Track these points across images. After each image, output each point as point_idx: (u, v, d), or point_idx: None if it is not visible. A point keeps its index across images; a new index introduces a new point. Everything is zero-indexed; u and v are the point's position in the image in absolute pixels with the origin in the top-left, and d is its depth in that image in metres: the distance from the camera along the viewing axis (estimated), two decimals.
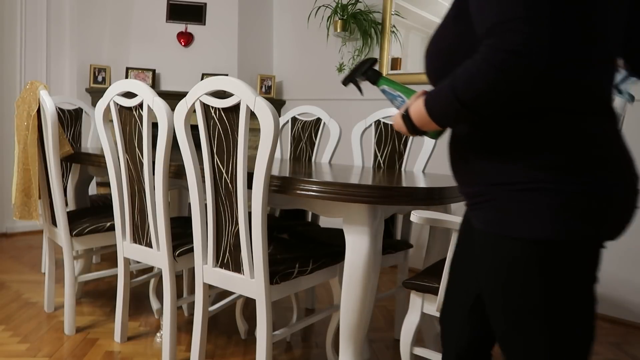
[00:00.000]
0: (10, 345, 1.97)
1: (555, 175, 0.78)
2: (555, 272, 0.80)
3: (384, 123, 2.42)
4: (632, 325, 2.58)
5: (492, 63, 0.70)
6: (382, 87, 1.09)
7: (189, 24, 3.86)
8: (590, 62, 0.79)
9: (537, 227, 0.78)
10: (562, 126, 0.79)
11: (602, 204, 0.79)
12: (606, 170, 0.80)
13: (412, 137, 0.98)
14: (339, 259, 1.77)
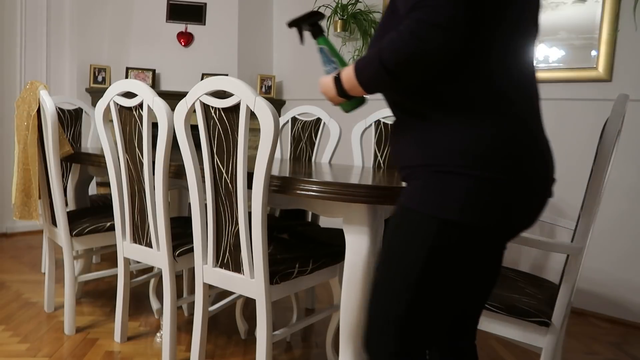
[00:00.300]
0: (10, 345, 1.97)
1: (470, 161, 0.85)
2: (448, 247, 0.89)
3: (384, 123, 2.42)
4: (632, 325, 2.58)
5: (413, 33, 0.78)
6: (322, 47, 1.12)
7: (189, 24, 3.86)
8: (504, 49, 0.86)
9: (447, 207, 0.87)
10: (479, 117, 0.86)
11: (509, 193, 0.86)
12: (517, 161, 0.86)
13: (334, 105, 1.04)
14: (339, 259, 1.77)
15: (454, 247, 0.89)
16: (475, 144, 0.86)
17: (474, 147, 0.86)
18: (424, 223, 0.90)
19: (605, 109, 2.64)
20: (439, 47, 0.78)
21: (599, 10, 2.63)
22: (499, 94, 0.87)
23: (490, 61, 0.86)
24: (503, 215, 0.88)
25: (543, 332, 1.29)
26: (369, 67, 0.87)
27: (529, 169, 0.88)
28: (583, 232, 1.27)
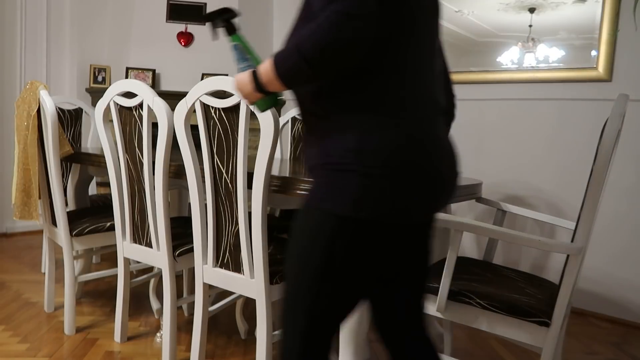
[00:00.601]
0: (10, 345, 1.97)
1: (363, 159, 0.89)
2: (343, 241, 0.93)
3: None
4: (632, 325, 2.58)
5: (332, 23, 0.81)
6: (236, 44, 1.11)
7: (189, 24, 3.86)
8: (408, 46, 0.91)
9: (342, 204, 0.91)
10: (375, 118, 0.91)
11: (402, 189, 0.90)
12: (409, 159, 0.91)
13: (249, 104, 1.05)
14: None
15: (354, 242, 0.93)
16: (370, 142, 0.90)
17: (368, 145, 0.89)
18: (323, 220, 0.93)
19: (605, 109, 2.64)
20: (356, 37, 0.81)
21: (599, 10, 2.63)
22: (396, 98, 0.91)
23: (390, 67, 0.91)
24: (397, 210, 0.91)
25: (543, 332, 1.29)
26: (287, 59, 0.87)
27: (422, 167, 0.92)
28: (583, 232, 1.27)
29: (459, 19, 3.13)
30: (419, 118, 0.94)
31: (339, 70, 0.87)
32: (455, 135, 3.19)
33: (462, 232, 1.34)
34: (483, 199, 1.95)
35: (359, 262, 0.96)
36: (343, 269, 0.95)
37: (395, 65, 0.91)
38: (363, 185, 0.89)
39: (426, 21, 0.97)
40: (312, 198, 0.96)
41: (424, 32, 0.96)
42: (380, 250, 0.97)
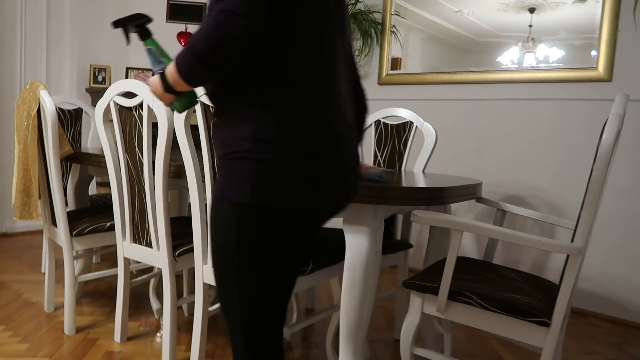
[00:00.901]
0: (10, 345, 1.97)
1: (260, 146, 0.93)
2: (249, 230, 0.95)
3: (384, 123, 2.42)
4: (632, 325, 2.58)
5: (217, 21, 0.85)
6: (150, 47, 1.14)
7: (189, 24, 3.86)
8: (300, 41, 0.94)
9: (241, 191, 0.94)
10: (272, 107, 0.94)
11: (300, 174, 0.93)
12: (306, 146, 0.94)
13: (166, 105, 1.08)
14: (339, 259, 1.77)
15: (262, 230, 0.96)
16: (267, 131, 0.93)
17: (265, 134, 0.93)
18: (229, 211, 0.96)
19: (605, 109, 2.64)
20: (242, 33, 0.85)
21: (599, 10, 2.63)
22: (295, 90, 0.95)
23: (288, 60, 0.94)
24: (297, 197, 0.94)
25: (543, 332, 1.29)
26: (185, 59, 0.91)
27: (318, 154, 0.95)
28: (583, 232, 1.27)
29: (459, 19, 3.13)
30: (322, 106, 0.97)
31: (233, 64, 0.90)
32: (456, 135, 3.19)
33: (462, 232, 1.34)
34: (483, 199, 1.95)
35: (273, 250, 0.98)
36: (259, 257, 0.98)
37: (295, 58, 0.95)
38: (261, 172, 0.93)
39: (327, 17, 1.00)
40: (217, 190, 0.99)
41: (323, 25, 0.99)
42: (290, 237, 0.99)
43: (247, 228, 0.96)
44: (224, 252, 1.00)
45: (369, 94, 3.77)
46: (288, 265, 1.03)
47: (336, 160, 0.99)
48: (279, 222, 0.97)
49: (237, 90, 0.96)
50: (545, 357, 1.28)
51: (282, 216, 0.96)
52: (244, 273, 0.99)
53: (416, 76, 3.36)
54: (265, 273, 1.00)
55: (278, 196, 0.94)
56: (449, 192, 1.53)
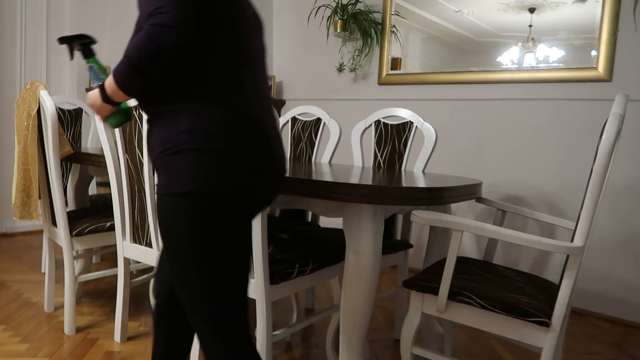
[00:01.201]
0: (10, 345, 1.97)
1: (197, 137, 0.99)
2: (197, 218, 1.00)
3: (384, 123, 2.42)
4: (632, 325, 2.59)
5: (149, 34, 0.94)
6: (91, 65, 1.29)
7: None
8: (227, 46, 1.04)
9: (183, 182, 0.99)
10: (206, 103, 1.01)
11: (235, 161, 1.01)
12: (239, 134, 1.02)
13: (102, 120, 1.20)
14: (339, 259, 1.77)
15: (206, 217, 1.00)
16: (203, 123, 1.00)
17: (202, 125, 1.00)
18: (173, 203, 1.01)
19: (605, 109, 2.64)
20: (172, 43, 0.94)
21: (599, 10, 2.63)
22: (224, 84, 1.03)
23: (216, 60, 1.03)
24: (238, 183, 1.01)
25: (543, 332, 1.29)
26: (122, 70, 1.00)
27: (253, 142, 1.03)
28: (583, 232, 1.27)
29: (459, 19, 3.13)
30: (251, 99, 1.06)
31: (165, 72, 0.99)
32: (456, 135, 3.19)
33: (462, 232, 1.34)
34: (483, 199, 1.95)
35: (223, 235, 1.03)
36: (211, 244, 1.02)
37: (224, 61, 1.04)
38: (201, 160, 0.99)
39: (248, 25, 1.11)
40: (160, 187, 1.03)
41: (246, 32, 1.09)
42: (237, 220, 1.04)
43: (195, 216, 1.00)
44: (177, 247, 1.04)
45: (369, 94, 3.78)
46: (240, 249, 1.08)
47: (269, 149, 1.07)
48: (224, 207, 1.02)
49: (172, 92, 1.03)
50: (545, 357, 1.28)
51: (226, 201, 1.02)
52: (200, 262, 1.03)
53: (416, 76, 3.36)
54: (220, 259, 1.04)
55: (222, 181, 1.00)
56: (449, 192, 1.53)
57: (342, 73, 3.75)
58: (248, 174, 1.04)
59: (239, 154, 1.02)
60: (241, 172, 1.02)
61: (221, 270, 1.05)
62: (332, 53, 3.82)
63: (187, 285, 1.06)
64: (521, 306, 1.31)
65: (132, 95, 1.08)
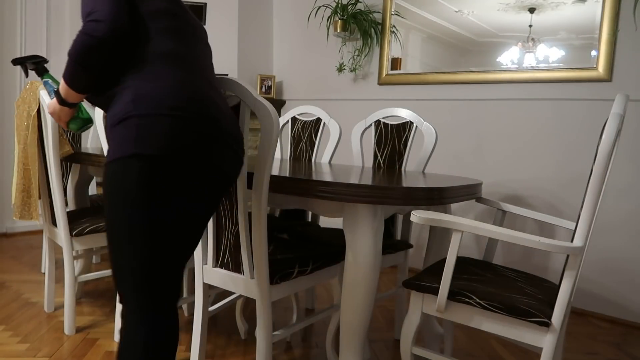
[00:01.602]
0: (10, 345, 1.97)
1: (139, 105, 1.06)
2: (137, 181, 1.04)
3: (384, 123, 2.42)
4: (632, 325, 2.59)
5: (85, 30, 1.07)
6: (46, 80, 1.46)
7: None
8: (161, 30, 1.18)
9: (124, 146, 1.05)
10: (145, 78, 1.11)
11: (178, 126, 1.06)
12: (181, 102, 1.09)
13: (64, 127, 1.33)
14: (339, 259, 1.77)
15: (148, 180, 1.04)
16: (143, 92, 1.08)
17: (143, 94, 1.08)
18: (114, 167, 1.06)
19: (605, 109, 2.64)
20: (105, 35, 1.06)
21: (599, 10, 2.63)
22: (163, 61, 1.14)
23: (150, 42, 1.15)
24: (180, 145, 1.06)
25: (543, 332, 1.29)
26: (67, 68, 1.13)
27: (194, 109, 1.09)
28: (583, 232, 1.27)
29: (459, 19, 3.13)
30: (194, 78, 1.16)
31: (104, 62, 1.10)
32: (455, 135, 3.19)
33: (462, 232, 1.34)
34: (483, 199, 1.95)
35: (163, 201, 1.06)
36: (150, 209, 1.05)
37: (160, 42, 1.16)
38: (142, 125, 1.05)
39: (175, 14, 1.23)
40: (107, 155, 1.09)
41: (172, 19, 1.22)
42: (180, 187, 1.07)
43: (135, 179, 1.03)
44: (114, 211, 1.06)
45: (369, 94, 3.77)
46: (182, 221, 1.09)
47: (213, 116, 1.13)
48: (166, 170, 1.05)
49: (117, 79, 1.14)
50: (545, 357, 1.28)
51: (169, 163, 1.05)
52: (135, 229, 1.05)
53: (416, 76, 3.36)
54: (158, 229, 1.06)
55: (165, 144, 1.04)
56: (449, 192, 1.53)
57: (342, 73, 3.75)
58: (193, 137, 1.08)
59: (183, 118, 1.07)
60: (185, 135, 1.07)
61: (161, 236, 1.07)
62: (332, 53, 3.82)
63: (122, 251, 1.07)
64: (521, 306, 1.31)
65: (82, 91, 1.18)
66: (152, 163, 1.04)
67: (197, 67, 1.21)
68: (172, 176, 1.06)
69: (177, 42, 1.20)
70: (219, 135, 1.14)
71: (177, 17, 1.24)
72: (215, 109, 1.15)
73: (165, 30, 1.19)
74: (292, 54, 4.13)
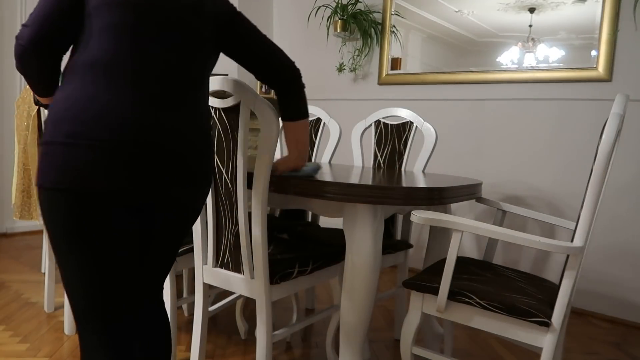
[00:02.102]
0: (10, 345, 1.97)
1: (46, 131, 1.02)
2: (46, 212, 1.02)
3: (384, 123, 2.42)
4: (632, 325, 2.58)
5: (17, 35, 1.06)
6: None
7: None
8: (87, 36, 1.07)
9: (38, 175, 1.02)
10: (59, 89, 1.07)
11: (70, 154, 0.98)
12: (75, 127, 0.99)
13: None
14: (339, 259, 1.77)
15: (50, 212, 1.02)
16: (51, 114, 1.03)
17: (49, 116, 1.04)
18: (39, 195, 1.05)
19: (605, 109, 2.64)
20: (27, 40, 1.04)
21: (599, 10, 2.63)
22: (78, 73, 1.05)
23: (80, 46, 1.07)
24: (76, 177, 0.98)
25: (543, 332, 1.29)
26: (20, 71, 1.12)
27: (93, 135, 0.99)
28: (583, 232, 1.27)
29: (459, 19, 3.13)
30: (102, 98, 1.02)
31: (36, 66, 1.08)
32: (455, 135, 3.19)
33: (462, 232, 1.34)
34: (483, 199, 1.95)
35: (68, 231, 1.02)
36: (62, 239, 1.03)
37: (87, 50, 1.06)
38: (43, 154, 1.02)
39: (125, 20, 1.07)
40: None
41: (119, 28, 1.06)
42: (80, 217, 1.01)
43: (45, 210, 1.03)
44: (50, 236, 1.06)
45: (369, 94, 3.77)
46: (95, 247, 1.04)
47: (135, 141, 1.01)
48: (62, 202, 1.00)
49: (56, 85, 1.15)
50: (545, 357, 1.28)
51: (62, 197, 0.99)
52: (59, 253, 1.06)
53: (416, 76, 3.36)
54: (75, 254, 1.04)
55: (54, 177, 0.99)
56: (449, 192, 1.53)
57: (342, 73, 3.75)
58: (88, 169, 0.98)
59: (76, 147, 0.98)
60: (76, 165, 0.98)
61: (74, 267, 1.05)
62: (332, 53, 3.82)
63: (64, 270, 1.08)
64: (521, 306, 1.31)
65: (39, 95, 1.18)
66: (52, 195, 1.00)
67: (133, 79, 1.05)
68: (67, 207, 1.00)
69: (112, 45, 1.05)
70: (147, 160, 1.03)
71: (133, 8, 1.06)
72: (148, 131, 1.03)
73: (102, 31, 1.05)
74: (292, 53, 4.12)
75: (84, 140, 0.98)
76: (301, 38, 4.03)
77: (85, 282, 1.06)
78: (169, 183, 1.09)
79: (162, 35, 1.10)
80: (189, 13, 1.14)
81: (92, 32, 1.05)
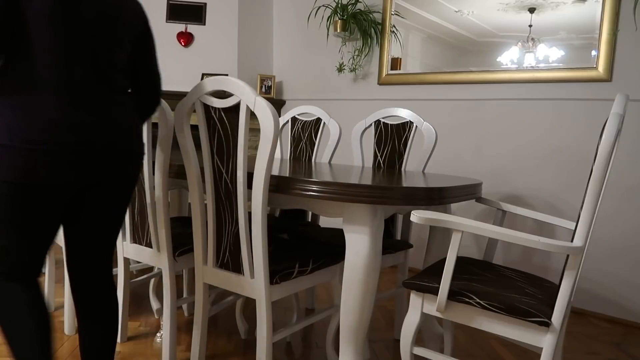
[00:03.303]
0: None
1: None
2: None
3: (384, 123, 2.42)
4: (632, 325, 2.59)
5: None
6: None
7: (188, 24, 3.86)
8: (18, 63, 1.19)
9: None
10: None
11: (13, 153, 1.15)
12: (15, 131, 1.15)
13: None
14: (339, 259, 1.77)
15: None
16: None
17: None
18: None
19: (605, 109, 2.64)
20: None
21: (599, 10, 2.63)
22: (17, 84, 1.18)
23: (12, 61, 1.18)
24: (18, 171, 1.16)
25: (543, 332, 1.29)
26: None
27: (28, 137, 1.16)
28: (583, 232, 1.27)
29: (459, 19, 3.13)
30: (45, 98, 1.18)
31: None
32: (455, 135, 3.20)
33: (462, 232, 1.34)
34: (483, 199, 1.95)
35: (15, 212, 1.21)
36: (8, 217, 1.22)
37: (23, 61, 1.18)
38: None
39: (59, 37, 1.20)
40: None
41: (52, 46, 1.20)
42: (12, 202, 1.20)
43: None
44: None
45: (369, 94, 3.76)
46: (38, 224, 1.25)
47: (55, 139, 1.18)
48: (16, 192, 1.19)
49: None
50: (545, 357, 1.28)
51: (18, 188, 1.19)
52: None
53: (416, 76, 3.36)
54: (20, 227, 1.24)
55: (4, 172, 1.17)
56: (449, 192, 1.53)
57: (342, 73, 3.75)
58: (28, 166, 1.17)
59: (17, 148, 1.15)
60: (20, 165, 1.16)
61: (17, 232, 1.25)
62: (332, 53, 3.82)
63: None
64: (521, 306, 1.31)
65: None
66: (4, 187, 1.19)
67: (58, 86, 1.21)
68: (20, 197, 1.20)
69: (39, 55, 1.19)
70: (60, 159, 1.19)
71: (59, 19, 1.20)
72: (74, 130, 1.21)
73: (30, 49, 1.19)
74: (292, 53, 4.13)
75: (23, 143, 1.16)
76: (301, 38, 4.03)
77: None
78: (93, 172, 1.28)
79: (87, 42, 1.25)
80: (111, 22, 1.29)
81: (20, 46, 1.18)
